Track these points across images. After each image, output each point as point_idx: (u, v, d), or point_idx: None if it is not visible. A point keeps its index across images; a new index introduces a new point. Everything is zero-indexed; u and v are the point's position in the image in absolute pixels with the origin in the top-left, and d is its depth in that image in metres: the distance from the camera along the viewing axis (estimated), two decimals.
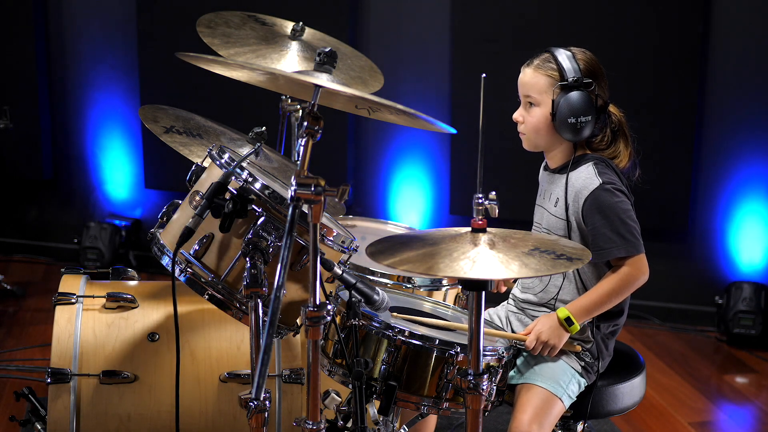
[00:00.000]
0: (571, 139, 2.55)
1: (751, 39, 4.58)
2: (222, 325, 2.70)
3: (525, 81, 2.59)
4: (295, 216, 2.05)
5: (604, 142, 2.61)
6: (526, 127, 2.61)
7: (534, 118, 2.58)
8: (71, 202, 5.51)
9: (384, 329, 2.34)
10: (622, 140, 2.63)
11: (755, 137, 4.63)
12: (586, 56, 2.58)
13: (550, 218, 2.62)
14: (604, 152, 2.62)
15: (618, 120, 2.62)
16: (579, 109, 2.50)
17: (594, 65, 2.57)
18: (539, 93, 2.56)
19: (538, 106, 2.57)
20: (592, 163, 2.56)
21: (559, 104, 2.52)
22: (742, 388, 4.19)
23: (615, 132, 2.62)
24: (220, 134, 2.92)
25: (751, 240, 4.69)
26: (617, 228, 2.48)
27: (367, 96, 2.15)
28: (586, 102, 2.51)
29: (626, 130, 2.64)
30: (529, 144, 2.64)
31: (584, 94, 2.51)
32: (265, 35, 3.09)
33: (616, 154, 2.62)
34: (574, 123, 2.51)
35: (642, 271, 2.50)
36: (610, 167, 2.58)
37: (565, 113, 2.51)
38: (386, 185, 5.09)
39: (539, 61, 2.58)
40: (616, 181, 2.55)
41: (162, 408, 2.59)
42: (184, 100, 4.66)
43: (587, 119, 2.51)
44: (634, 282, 2.50)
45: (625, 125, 2.64)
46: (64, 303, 2.68)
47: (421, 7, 4.94)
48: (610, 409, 2.62)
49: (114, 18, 5.26)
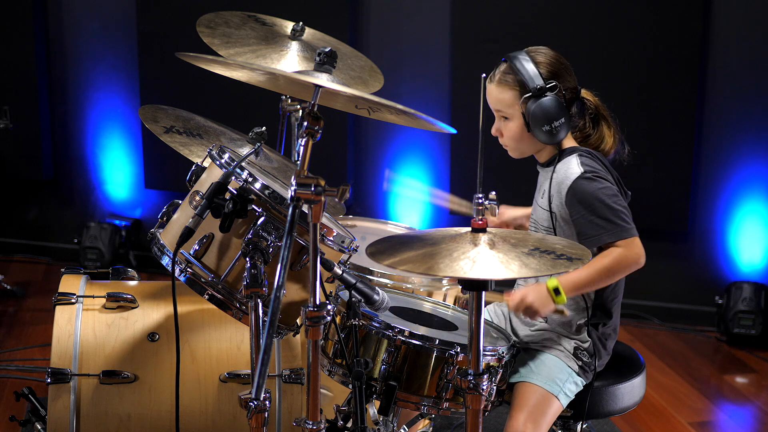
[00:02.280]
0: (551, 143, 2.56)
1: (751, 39, 4.58)
2: (222, 325, 2.70)
3: (492, 97, 2.59)
4: (295, 216, 2.05)
5: (587, 130, 2.62)
6: (506, 140, 2.63)
7: (511, 131, 2.59)
8: (71, 202, 5.51)
9: (384, 329, 2.34)
10: (603, 123, 2.63)
11: (755, 137, 4.63)
12: (546, 56, 2.56)
13: (538, 210, 2.64)
14: (590, 139, 2.62)
15: (594, 105, 2.62)
16: (550, 116, 2.50)
17: (554, 63, 2.55)
18: (508, 107, 2.57)
19: (512, 120, 2.58)
20: (577, 154, 2.56)
21: (530, 115, 2.52)
22: (742, 388, 4.19)
23: (594, 118, 2.63)
24: (220, 134, 2.92)
25: (751, 240, 4.69)
26: (603, 213, 2.46)
27: (367, 96, 2.15)
28: (555, 106, 2.50)
29: (604, 111, 2.63)
30: (514, 153, 2.65)
31: (551, 98, 2.50)
32: (265, 35, 3.09)
33: (601, 138, 2.62)
34: (549, 129, 2.51)
35: (636, 253, 2.45)
36: (596, 158, 2.57)
37: (537, 123, 2.51)
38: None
39: (500, 75, 2.57)
40: (599, 169, 2.54)
41: (162, 408, 2.59)
42: (184, 100, 4.67)
43: (561, 122, 2.51)
44: (628, 263, 2.46)
45: (602, 107, 2.63)
46: (64, 303, 2.68)
47: (421, 7, 4.94)
48: (610, 409, 2.62)
49: (114, 18, 5.26)
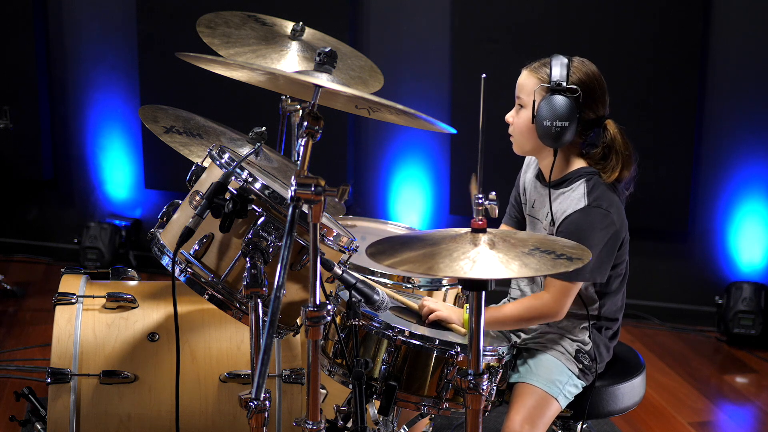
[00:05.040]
0: (550, 144, 2.50)
1: (751, 39, 4.58)
2: (222, 325, 2.70)
3: (520, 82, 2.59)
4: (295, 216, 2.05)
5: (596, 157, 2.56)
6: (514, 129, 2.61)
7: (521, 120, 2.57)
8: (71, 202, 5.51)
9: (384, 329, 2.34)
10: (613, 156, 2.55)
11: (755, 137, 4.62)
12: (584, 67, 2.53)
13: (540, 230, 2.59)
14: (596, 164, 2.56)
15: (612, 136, 2.56)
16: (557, 114, 2.46)
17: (589, 77, 2.52)
18: (527, 95, 2.55)
19: (525, 108, 2.56)
20: (584, 180, 2.53)
21: (539, 106, 2.50)
22: (742, 388, 4.19)
23: (607, 148, 2.56)
24: (220, 134, 2.92)
25: (751, 240, 4.69)
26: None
27: (367, 96, 2.15)
28: (567, 108, 2.46)
29: (620, 147, 2.56)
30: (517, 147, 2.63)
31: (566, 100, 2.47)
32: (265, 35, 3.09)
33: (608, 169, 2.55)
34: (549, 126, 2.47)
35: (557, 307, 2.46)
36: (604, 186, 2.52)
37: (543, 115, 2.48)
38: (386, 185, 5.09)
39: (537, 65, 2.56)
40: (605, 201, 2.49)
41: (162, 408, 2.59)
42: (184, 100, 4.66)
43: (565, 124, 2.46)
44: (540, 316, 2.49)
45: (619, 143, 2.56)
46: (64, 303, 2.68)
47: (421, 7, 4.94)
48: (610, 409, 2.62)
49: (114, 18, 5.25)
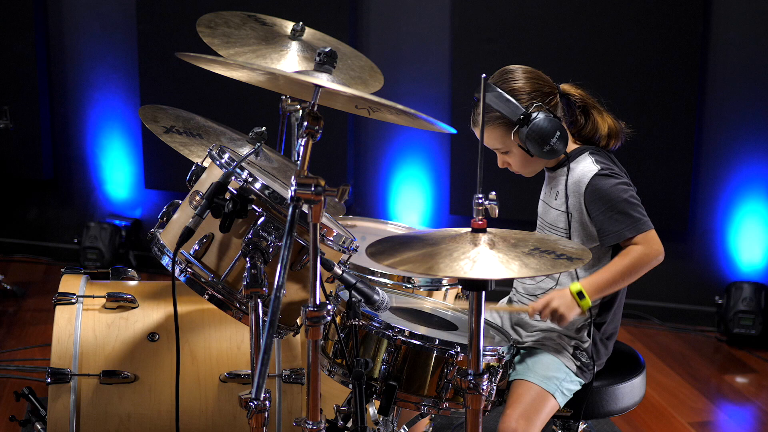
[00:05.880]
0: (558, 156, 2.54)
1: (751, 39, 4.58)
2: (222, 325, 2.70)
3: (486, 141, 2.55)
4: (295, 216, 2.05)
5: (579, 123, 2.61)
6: (515, 169, 2.64)
7: (516, 161, 2.60)
8: (71, 202, 5.51)
9: (384, 329, 2.34)
10: (593, 112, 2.61)
11: (755, 137, 4.63)
12: (516, 81, 2.54)
13: (551, 213, 2.62)
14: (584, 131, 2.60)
15: (579, 96, 2.61)
16: (546, 136, 2.48)
17: (526, 81, 2.54)
18: (503, 144, 2.57)
19: (511, 152, 2.58)
20: (589, 152, 2.58)
21: (526, 144, 2.51)
22: (742, 388, 4.19)
23: (583, 109, 2.61)
24: (220, 134, 2.92)
25: (751, 240, 4.69)
26: (622, 208, 2.48)
27: (367, 96, 2.14)
28: (547, 124, 2.48)
29: (590, 100, 2.61)
30: (528, 174, 2.66)
31: (539, 120, 2.48)
32: (265, 35, 3.09)
33: (595, 127, 2.60)
34: (550, 148, 2.49)
35: (656, 249, 2.49)
36: (607, 156, 2.59)
37: (537, 147, 2.50)
38: (386, 185, 5.09)
39: (487, 118, 2.53)
40: (613, 167, 2.56)
41: (162, 408, 2.59)
42: (184, 100, 4.67)
43: (558, 135, 2.48)
44: (649, 260, 2.49)
45: (587, 97, 2.61)
46: (64, 303, 2.68)
47: (421, 7, 4.94)
48: (610, 409, 2.62)
49: (114, 18, 5.25)
